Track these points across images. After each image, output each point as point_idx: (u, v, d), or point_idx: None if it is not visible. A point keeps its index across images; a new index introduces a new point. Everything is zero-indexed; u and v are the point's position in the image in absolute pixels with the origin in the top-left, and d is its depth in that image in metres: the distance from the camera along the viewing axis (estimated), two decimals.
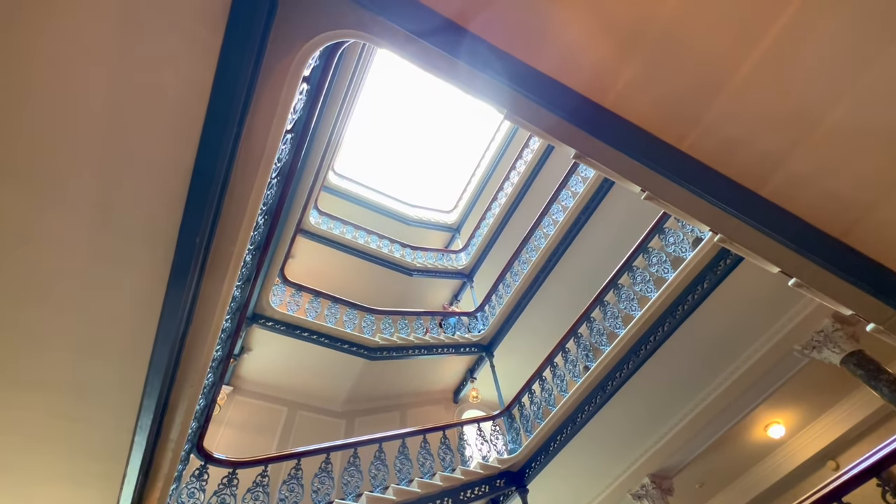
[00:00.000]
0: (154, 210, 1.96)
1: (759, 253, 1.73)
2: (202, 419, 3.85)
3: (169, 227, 2.00)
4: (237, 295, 3.26)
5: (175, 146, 1.78)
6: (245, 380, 6.99)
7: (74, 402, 2.63)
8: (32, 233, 1.97)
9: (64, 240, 2.00)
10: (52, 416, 2.68)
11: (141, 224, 2.01)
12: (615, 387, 5.05)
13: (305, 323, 6.89)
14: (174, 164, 1.81)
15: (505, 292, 8.47)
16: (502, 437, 6.41)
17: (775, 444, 5.96)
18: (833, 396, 5.48)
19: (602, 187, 7.00)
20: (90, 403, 2.65)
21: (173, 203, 1.92)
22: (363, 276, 9.81)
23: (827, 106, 1.53)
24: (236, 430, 6.38)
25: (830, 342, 4.25)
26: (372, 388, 7.63)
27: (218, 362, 3.53)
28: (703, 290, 4.46)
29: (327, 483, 4.68)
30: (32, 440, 2.76)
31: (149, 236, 2.06)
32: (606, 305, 5.58)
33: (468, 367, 8.57)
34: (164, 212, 1.95)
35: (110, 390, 2.60)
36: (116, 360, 2.48)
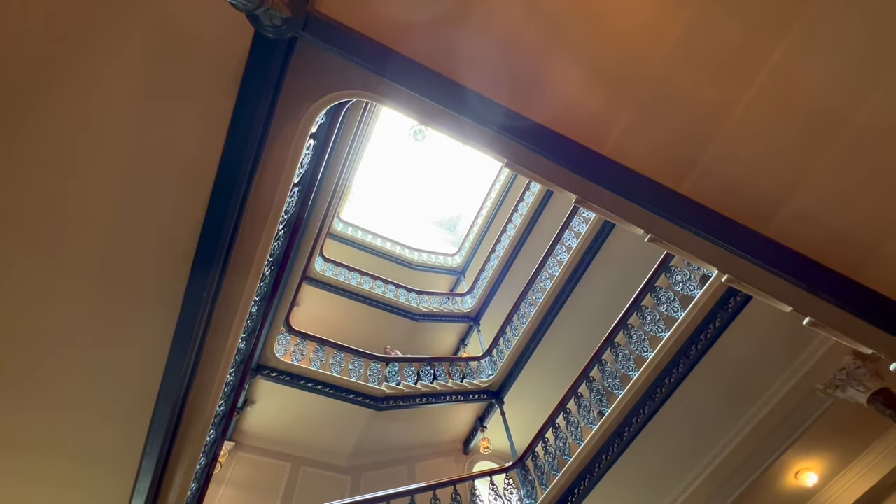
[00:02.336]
0: (163, 266, 1.98)
1: (769, 293, 1.71)
2: (202, 479, 3.68)
3: (176, 283, 2.01)
4: (242, 347, 3.22)
5: (186, 204, 1.83)
6: (248, 434, 6.76)
7: (71, 467, 2.54)
8: (40, 291, 1.99)
9: (71, 299, 2.02)
10: (48, 482, 2.59)
11: (149, 280, 2.04)
12: (632, 434, 4.83)
13: (310, 373, 6.75)
14: (184, 221, 1.86)
15: (513, 335, 8.33)
16: (517, 492, 6.07)
17: (809, 493, 5.57)
18: (865, 438, 5.19)
19: (605, 227, 7.05)
20: (88, 467, 2.56)
21: (182, 259, 1.95)
22: (368, 322, 9.71)
23: (825, 143, 1.57)
24: (237, 490, 6.09)
25: (854, 380, 4.09)
26: (378, 441, 7.34)
27: (220, 418, 3.43)
28: (715, 328, 4.36)
29: None
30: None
31: (156, 292, 2.08)
32: (617, 347, 5.45)
33: (478, 416, 8.27)
34: (173, 268, 1.98)
35: (109, 452, 2.52)
36: (117, 421, 2.42)
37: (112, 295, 2.04)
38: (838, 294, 1.55)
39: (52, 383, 2.21)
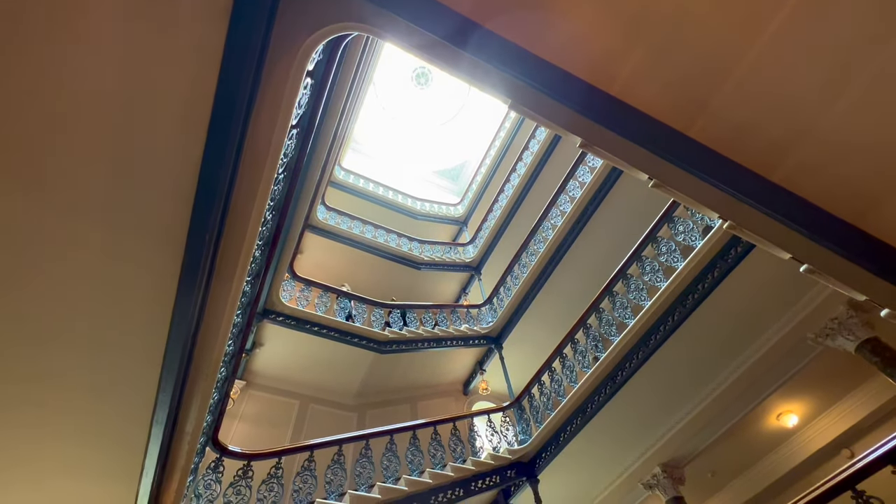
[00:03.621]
0: (164, 209, 1.98)
1: (770, 239, 1.70)
2: (216, 413, 3.92)
3: (179, 225, 2.02)
4: (247, 290, 3.30)
5: (183, 144, 1.79)
6: (257, 374, 7.09)
7: (91, 398, 2.69)
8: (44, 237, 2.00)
9: (75, 242, 2.04)
10: (69, 411, 2.75)
11: (151, 223, 2.04)
12: (625, 377, 5.04)
13: (315, 318, 6.96)
14: (182, 161, 1.83)
15: (513, 284, 8.46)
16: (512, 428, 6.45)
17: (788, 433, 5.91)
18: (847, 385, 5.41)
19: (609, 177, 6.93)
20: (106, 399, 2.71)
21: (182, 201, 1.94)
22: (371, 270, 9.86)
23: (840, 88, 1.50)
24: (250, 424, 6.48)
25: (845, 329, 4.19)
26: (382, 382, 7.70)
27: (230, 357, 3.58)
28: (713, 278, 4.41)
29: (340, 474, 4.75)
30: (51, 435, 2.84)
31: (159, 235, 2.09)
32: (615, 296, 5.55)
33: (477, 360, 8.61)
34: (174, 210, 1.97)
35: (126, 386, 2.65)
36: (130, 357, 2.53)
37: (115, 238, 2.06)
38: (840, 241, 1.55)
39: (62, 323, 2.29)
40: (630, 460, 5.91)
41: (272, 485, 4.33)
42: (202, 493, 3.96)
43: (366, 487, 4.81)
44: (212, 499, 3.97)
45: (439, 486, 5.18)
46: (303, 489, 4.46)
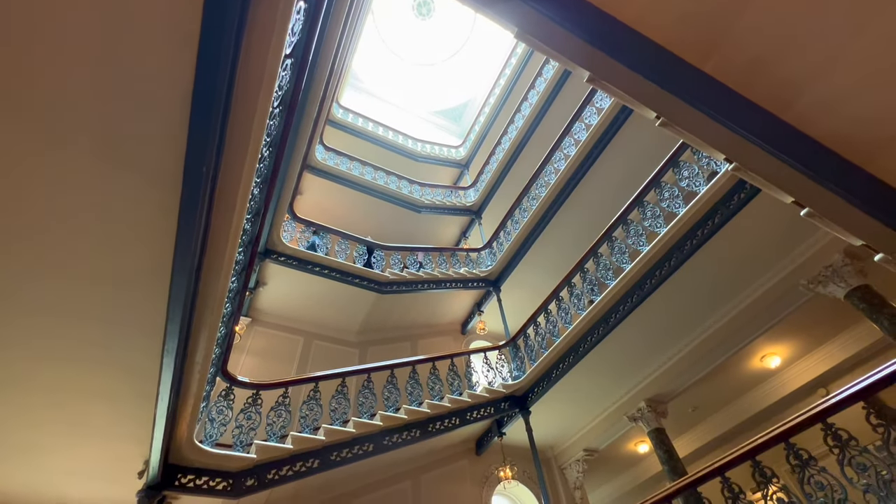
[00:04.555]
0: (158, 140, 1.94)
1: (775, 182, 1.68)
2: (224, 346, 4.09)
3: (175, 158, 1.98)
4: (248, 228, 3.31)
5: (172, 69, 1.71)
6: (262, 311, 7.31)
7: (103, 330, 2.80)
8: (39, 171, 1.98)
9: (71, 177, 2.02)
10: (85, 342, 2.88)
11: (147, 155, 2.00)
12: (618, 319, 5.20)
13: (316, 258, 7.04)
14: (173, 89, 1.76)
15: (513, 228, 8.48)
16: (507, 366, 6.76)
17: (770, 373, 6.21)
18: (831, 330, 5.60)
19: (616, 121, 6.70)
20: (118, 331, 2.82)
21: (177, 132, 1.89)
22: (371, 212, 9.84)
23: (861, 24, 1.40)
24: (257, 358, 6.79)
25: (838, 277, 4.26)
26: (383, 320, 7.96)
27: (235, 293, 3.67)
28: (713, 224, 4.41)
29: (343, 404, 5.05)
30: (71, 363, 2.99)
31: (156, 168, 2.06)
32: (614, 241, 5.58)
33: (476, 301, 8.83)
34: (169, 142, 1.93)
35: (135, 318, 2.75)
36: (137, 290, 2.60)
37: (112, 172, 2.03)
38: (846, 183, 1.53)
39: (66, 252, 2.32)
40: (617, 396, 6.27)
41: (280, 411, 4.62)
42: (215, 417, 4.24)
43: (368, 415, 5.13)
44: (224, 423, 4.26)
45: (437, 415, 5.53)
46: (309, 416, 4.77)
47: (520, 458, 6.59)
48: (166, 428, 3.17)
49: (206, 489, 3.93)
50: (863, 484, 2.60)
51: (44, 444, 3.53)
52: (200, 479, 3.94)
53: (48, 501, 4.12)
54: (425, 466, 6.15)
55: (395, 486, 5.81)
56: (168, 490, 3.79)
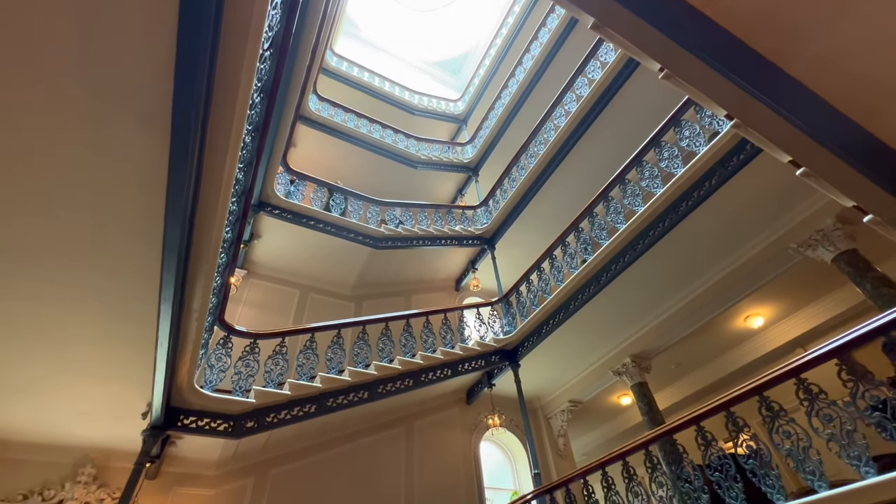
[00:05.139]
0: (144, 79, 1.86)
1: (774, 140, 1.66)
2: (220, 295, 4.15)
3: (162, 99, 1.92)
4: (241, 178, 3.26)
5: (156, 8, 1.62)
6: (258, 264, 7.35)
7: (99, 276, 2.82)
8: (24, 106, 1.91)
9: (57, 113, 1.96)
10: (83, 288, 2.91)
11: (133, 95, 1.94)
12: (609, 278, 5.29)
13: (311, 212, 7.00)
14: (157, 28, 1.67)
15: (510, 186, 8.41)
16: (499, 321, 6.93)
17: (752, 333, 6.43)
18: (815, 293, 5.75)
19: (620, 76, 6.48)
20: (114, 277, 2.85)
21: (163, 73, 1.82)
22: (366, 167, 9.68)
23: None
24: (254, 309, 6.90)
25: (827, 241, 4.32)
26: (378, 275, 8.05)
27: (229, 244, 3.68)
28: (709, 186, 4.39)
29: (339, 354, 5.21)
30: (71, 309, 3.04)
31: (144, 112, 2.00)
32: (611, 201, 5.57)
33: (470, 259, 8.91)
34: (155, 81, 1.86)
35: (130, 265, 2.76)
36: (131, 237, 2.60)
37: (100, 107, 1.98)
38: (844, 142, 1.52)
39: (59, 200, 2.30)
40: (604, 351, 6.50)
41: (277, 360, 4.77)
42: (214, 364, 4.37)
43: (363, 365, 5.31)
44: (223, 369, 4.39)
45: (429, 366, 5.74)
46: (306, 364, 4.92)
47: (508, 408, 6.92)
48: (167, 372, 3.27)
49: (208, 430, 4.12)
50: (827, 433, 2.77)
51: (45, 385, 3.65)
52: (202, 421, 4.13)
53: (57, 438, 4.31)
54: (418, 413, 6.45)
55: (389, 430, 6.12)
56: (171, 430, 3.97)
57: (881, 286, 3.89)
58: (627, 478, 3.99)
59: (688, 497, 3.52)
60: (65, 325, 3.14)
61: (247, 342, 4.73)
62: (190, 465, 4.73)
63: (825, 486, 2.76)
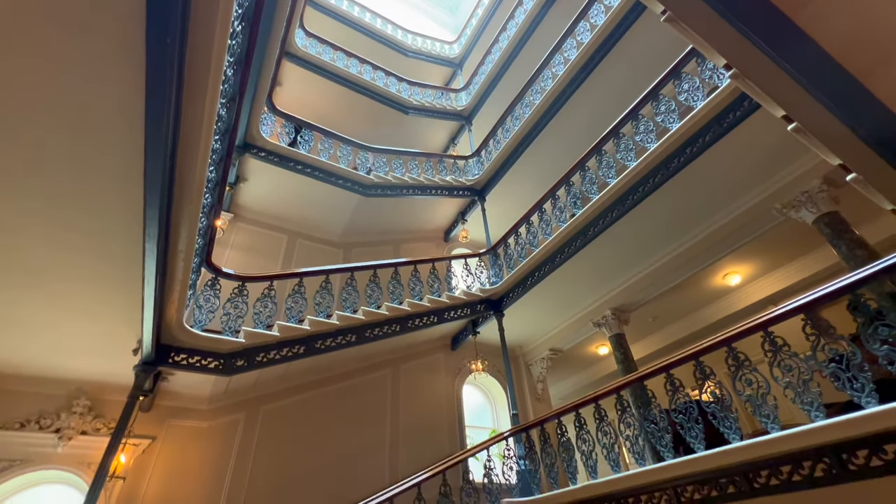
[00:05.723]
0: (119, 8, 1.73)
1: (770, 92, 1.64)
2: (207, 237, 4.11)
3: (135, 26, 1.79)
4: (223, 114, 3.13)
5: None
6: (244, 208, 7.23)
7: (82, 213, 2.76)
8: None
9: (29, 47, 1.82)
10: (67, 229, 2.86)
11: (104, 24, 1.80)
12: (596, 233, 5.35)
13: (298, 156, 6.81)
14: None
15: (503, 137, 8.23)
16: (486, 272, 7.05)
17: (729, 290, 6.67)
18: (793, 253, 5.91)
19: (623, 22, 6.17)
20: (97, 217, 2.79)
21: None
22: (356, 111, 9.33)
23: None
24: (241, 252, 6.88)
25: (811, 202, 4.39)
26: (367, 223, 8.01)
27: (214, 184, 3.59)
28: (703, 143, 4.36)
29: (327, 298, 5.29)
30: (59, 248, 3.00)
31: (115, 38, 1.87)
32: (603, 155, 5.52)
33: (460, 210, 8.88)
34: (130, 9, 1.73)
35: (112, 203, 2.70)
36: (110, 175, 2.52)
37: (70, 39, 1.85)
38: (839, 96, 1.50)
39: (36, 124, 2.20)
40: (586, 304, 6.71)
41: (266, 302, 4.83)
42: (203, 304, 4.42)
43: (351, 310, 5.42)
44: (212, 310, 4.45)
45: (416, 313, 5.88)
46: (294, 308, 5.00)
47: (491, 355, 7.22)
48: (155, 310, 3.30)
49: (198, 367, 4.24)
50: (785, 381, 2.97)
51: (34, 321, 3.67)
52: (193, 358, 4.23)
53: (50, 371, 4.41)
54: (404, 357, 6.70)
55: (376, 372, 6.37)
56: (163, 366, 4.08)
57: (856, 248, 4.01)
58: (599, 419, 4.27)
59: (652, 436, 3.80)
60: (49, 262, 3.11)
61: (235, 284, 4.76)
62: (183, 399, 4.91)
63: (777, 427, 3.00)
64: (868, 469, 2.55)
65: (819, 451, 2.75)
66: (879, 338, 2.64)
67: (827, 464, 2.71)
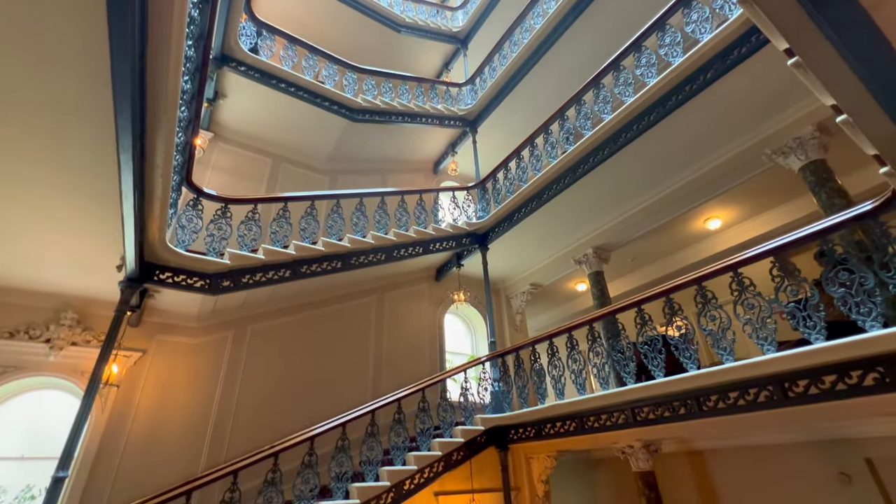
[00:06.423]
0: None
1: (777, 21, 1.56)
2: (186, 155, 3.96)
3: None
4: (195, 16, 2.88)
5: None
6: (225, 127, 6.90)
7: (48, 118, 2.61)
8: None
9: None
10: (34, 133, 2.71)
11: None
12: (585, 170, 5.31)
13: (281, 72, 6.40)
14: None
15: (500, 64, 7.81)
16: (473, 206, 7.05)
17: (708, 234, 6.83)
18: (775, 200, 6.00)
19: None
20: (66, 121, 2.64)
21: None
22: (343, 26, 8.64)
23: None
24: (224, 174, 6.68)
25: (801, 149, 4.38)
26: (354, 150, 7.77)
27: (190, 96, 3.39)
28: (704, 80, 4.21)
29: (313, 224, 5.27)
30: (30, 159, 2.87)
31: None
32: (601, 89, 5.31)
33: (450, 141, 8.64)
34: None
35: (80, 107, 2.55)
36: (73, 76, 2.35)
37: None
38: (847, 35, 1.45)
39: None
40: (569, 242, 6.84)
41: (250, 225, 4.80)
42: (186, 224, 4.37)
43: (336, 237, 5.43)
44: (195, 230, 4.41)
45: (402, 243, 5.94)
46: (279, 232, 4.99)
47: (473, 287, 7.44)
48: (136, 227, 3.26)
49: (184, 286, 4.30)
50: (746, 319, 3.17)
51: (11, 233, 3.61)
52: (178, 277, 4.27)
53: (34, 284, 4.42)
54: (389, 286, 6.87)
55: (361, 299, 6.56)
56: (148, 283, 4.12)
57: (835, 197, 4.08)
58: (570, 348, 4.55)
59: (618, 364, 4.09)
60: (23, 170, 2.99)
61: (218, 206, 4.68)
62: (171, 316, 5.03)
63: (731, 359, 3.24)
64: (806, 396, 2.82)
65: (765, 380, 3.01)
66: (839, 281, 2.79)
67: (770, 391, 2.98)
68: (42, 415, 4.54)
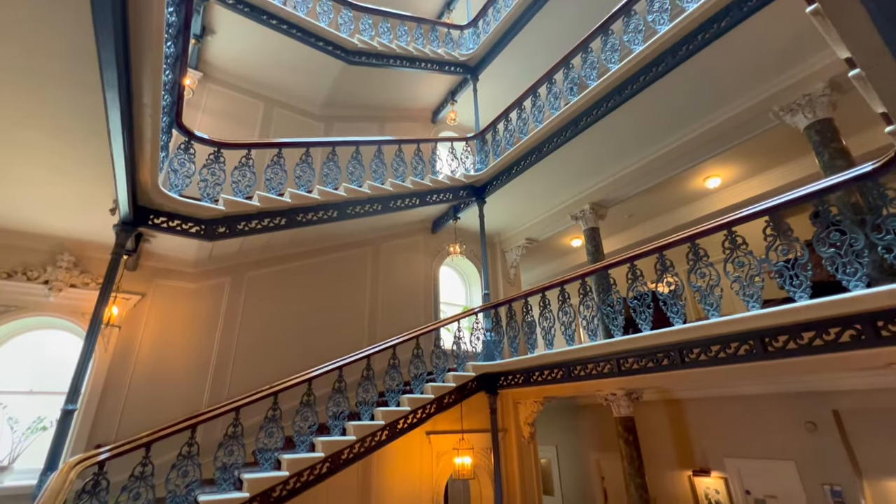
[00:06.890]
0: None
1: None
2: (175, 95, 3.81)
3: None
4: None
5: None
6: (214, 67, 6.59)
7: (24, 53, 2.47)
8: None
9: None
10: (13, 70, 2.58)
11: None
12: (588, 123, 5.18)
13: (271, 6, 6.01)
14: None
15: (504, 4, 7.36)
16: (472, 157, 6.92)
17: (707, 192, 6.80)
18: (777, 159, 5.92)
19: None
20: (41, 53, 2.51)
21: None
22: None
23: None
24: (215, 118, 6.46)
25: (809, 107, 4.27)
26: (351, 95, 7.49)
27: (176, 31, 3.21)
28: (718, 28, 4.01)
29: (308, 172, 5.18)
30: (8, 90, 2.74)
31: None
32: (610, 35, 5.06)
33: (450, 89, 8.32)
34: None
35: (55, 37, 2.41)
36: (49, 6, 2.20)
37: None
38: None
39: None
40: (566, 197, 6.80)
41: (244, 171, 4.71)
42: (178, 168, 4.28)
43: (332, 186, 5.36)
44: (188, 175, 4.33)
45: (398, 194, 5.88)
46: (274, 179, 4.91)
47: (469, 240, 7.48)
48: (127, 169, 3.20)
49: (179, 230, 4.28)
50: (735, 276, 3.24)
51: None
52: (173, 222, 4.25)
53: (28, 226, 4.39)
54: (385, 237, 6.89)
55: (357, 249, 6.59)
56: (143, 227, 4.10)
57: (837, 158, 4.03)
58: (562, 301, 4.66)
59: (607, 318, 4.21)
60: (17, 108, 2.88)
61: (210, 150, 4.57)
62: (168, 261, 5.05)
63: (717, 315, 3.35)
64: (784, 351, 2.94)
65: (747, 334, 3.12)
66: (830, 241, 2.83)
67: (750, 345, 3.11)
68: (48, 353, 4.67)
